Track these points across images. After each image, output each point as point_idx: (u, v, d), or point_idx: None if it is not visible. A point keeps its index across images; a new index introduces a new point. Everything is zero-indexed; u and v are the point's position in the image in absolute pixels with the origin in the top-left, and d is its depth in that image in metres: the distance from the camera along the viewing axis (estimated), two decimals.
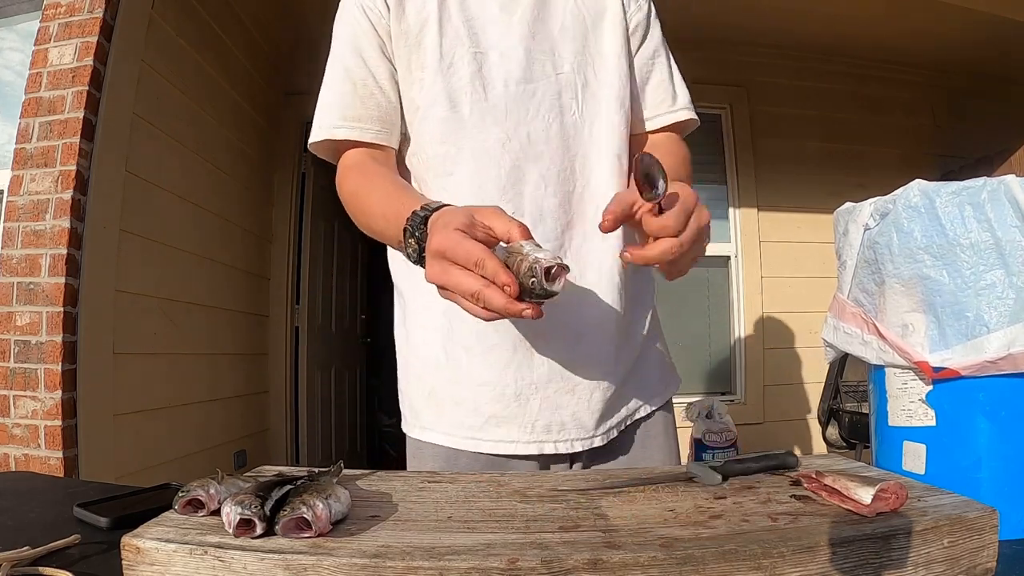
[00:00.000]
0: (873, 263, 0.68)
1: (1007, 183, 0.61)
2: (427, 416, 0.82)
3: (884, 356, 0.66)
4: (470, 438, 0.79)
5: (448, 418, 0.80)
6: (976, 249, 0.61)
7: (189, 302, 2.33)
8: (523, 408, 0.78)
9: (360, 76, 0.80)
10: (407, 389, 0.86)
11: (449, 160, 0.78)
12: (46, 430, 1.68)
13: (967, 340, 0.60)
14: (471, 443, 0.79)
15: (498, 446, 0.78)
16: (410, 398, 0.85)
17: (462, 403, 0.79)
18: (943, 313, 0.62)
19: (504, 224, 0.54)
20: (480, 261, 0.51)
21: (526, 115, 0.77)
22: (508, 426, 0.78)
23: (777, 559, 0.42)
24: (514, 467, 0.79)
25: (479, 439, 0.79)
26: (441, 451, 0.80)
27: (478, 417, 0.78)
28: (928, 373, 0.62)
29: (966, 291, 0.61)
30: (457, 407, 0.79)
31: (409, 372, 0.85)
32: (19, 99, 1.85)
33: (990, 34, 2.96)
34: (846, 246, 0.72)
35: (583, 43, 0.82)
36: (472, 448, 0.79)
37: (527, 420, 0.78)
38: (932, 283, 0.63)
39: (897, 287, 0.65)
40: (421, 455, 0.82)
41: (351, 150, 0.81)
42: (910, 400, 0.65)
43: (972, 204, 0.61)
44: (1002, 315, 0.59)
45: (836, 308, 0.74)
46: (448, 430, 0.80)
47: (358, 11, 0.80)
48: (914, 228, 0.64)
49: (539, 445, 0.79)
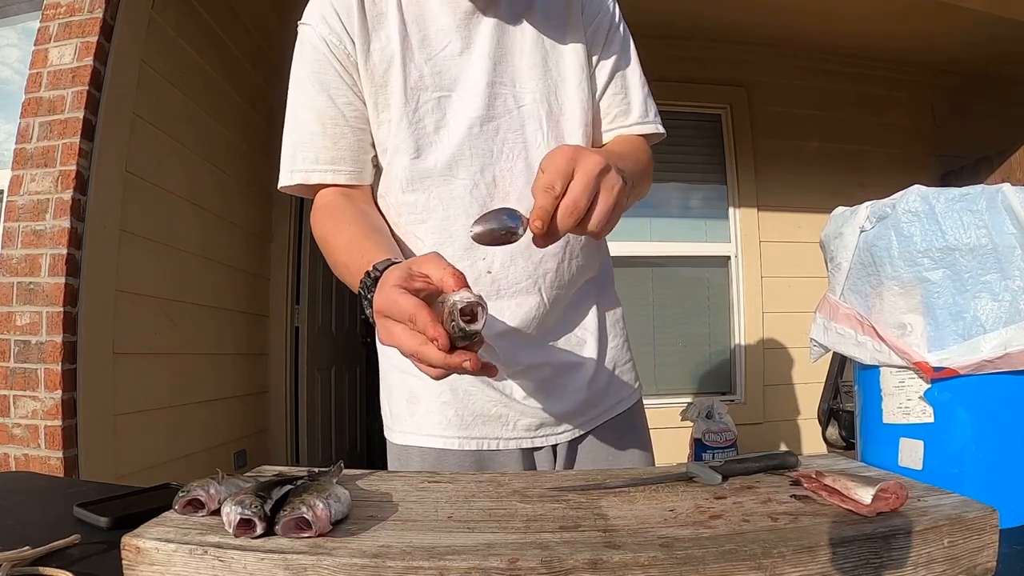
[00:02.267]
0: (870, 265, 0.69)
1: (1004, 191, 0.62)
2: (410, 421, 0.83)
3: (879, 356, 0.67)
4: (457, 437, 0.81)
5: (433, 419, 0.81)
6: (973, 253, 0.62)
7: (189, 302, 2.33)
8: (508, 407, 0.82)
9: (330, 116, 0.78)
10: (388, 397, 0.87)
11: (419, 207, 0.78)
12: (46, 430, 1.68)
13: (964, 340, 0.61)
14: (457, 442, 0.81)
15: (482, 443, 0.81)
16: (391, 405, 0.87)
17: (448, 404, 0.81)
18: (941, 314, 0.63)
19: (438, 271, 0.52)
20: (412, 316, 0.50)
21: (490, 157, 0.78)
22: (493, 424, 0.82)
23: (777, 559, 0.42)
24: (500, 461, 0.82)
25: (465, 437, 0.81)
26: (429, 452, 0.82)
27: (465, 417, 0.81)
28: (928, 373, 0.62)
29: (964, 293, 0.62)
30: (444, 408, 0.81)
31: (390, 379, 0.86)
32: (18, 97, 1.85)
33: (990, 34, 2.96)
34: (841, 248, 0.72)
35: (543, 68, 0.81)
36: (458, 447, 0.81)
37: (512, 418, 0.82)
38: (931, 285, 0.63)
39: (895, 289, 0.66)
40: (407, 458, 0.84)
41: (324, 190, 0.80)
42: (907, 398, 0.65)
43: (970, 210, 0.62)
44: (998, 317, 0.60)
45: (827, 308, 0.74)
46: (433, 431, 0.82)
47: (323, 47, 0.77)
48: (914, 232, 0.64)
49: (523, 440, 0.83)
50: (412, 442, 0.83)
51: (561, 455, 0.86)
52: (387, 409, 0.88)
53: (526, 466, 0.84)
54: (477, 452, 0.82)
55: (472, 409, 0.81)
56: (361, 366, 4.03)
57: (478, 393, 0.81)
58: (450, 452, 0.81)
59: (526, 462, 0.84)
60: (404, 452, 0.84)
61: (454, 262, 0.54)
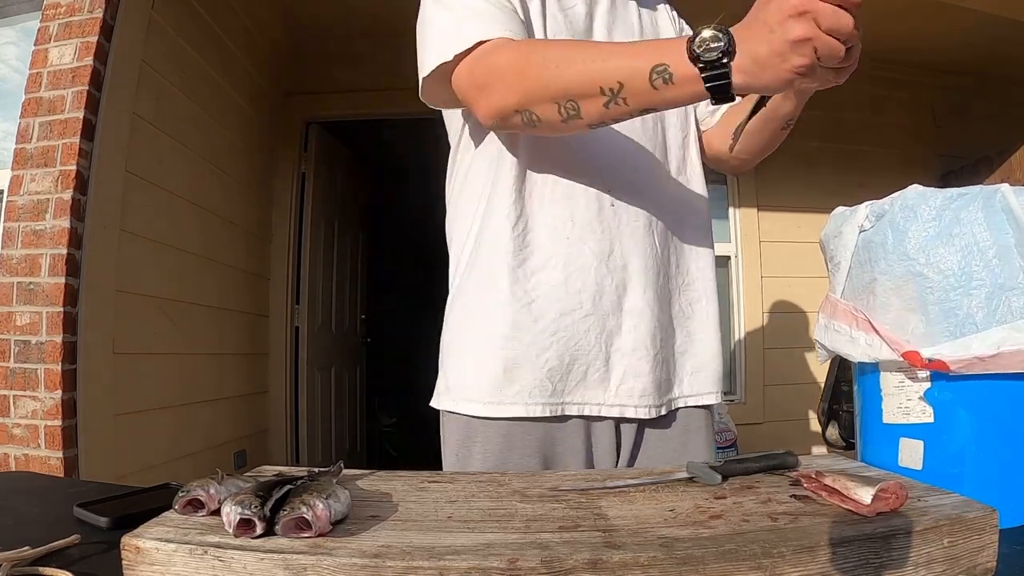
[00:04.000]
0: (867, 263, 0.69)
1: (1002, 191, 0.62)
2: (508, 391, 0.80)
3: (870, 351, 0.67)
4: (557, 403, 0.80)
5: (536, 387, 0.79)
6: (969, 252, 0.62)
7: (189, 302, 2.33)
8: (609, 373, 0.82)
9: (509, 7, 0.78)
10: (476, 368, 0.82)
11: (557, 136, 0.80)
12: (46, 430, 1.68)
13: (956, 338, 0.61)
14: (557, 408, 0.80)
15: (582, 408, 0.81)
16: (477, 376, 0.82)
17: (554, 371, 0.80)
18: (934, 311, 0.63)
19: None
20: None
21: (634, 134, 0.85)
22: (594, 390, 0.81)
23: (777, 559, 0.42)
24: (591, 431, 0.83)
25: (565, 403, 0.80)
26: (518, 423, 0.80)
27: (568, 382, 0.80)
28: (918, 363, 0.62)
29: (957, 290, 0.62)
30: (551, 374, 0.80)
31: (481, 349, 0.82)
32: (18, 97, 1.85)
33: (990, 34, 2.95)
34: (840, 247, 0.72)
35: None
36: (557, 412, 0.80)
37: (612, 385, 0.82)
38: (925, 281, 0.63)
39: (888, 285, 0.66)
40: (489, 430, 0.80)
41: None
42: (907, 398, 0.65)
43: (968, 209, 0.62)
44: (991, 316, 0.60)
45: (828, 308, 0.74)
46: (530, 399, 0.79)
47: None
48: (909, 229, 0.65)
49: (621, 408, 0.82)
50: (506, 413, 0.79)
51: (630, 439, 0.86)
52: (467, 381, 0.83)
53: (614, 441, 0.84)
54: (570, 422, 0.81)
55: (576, 375, 0.80)
56: (361, 366, 4.03)
57: (583, 357, 0.80)
58: (540, 422, 0.80)
59: (617, 436, 0.84)
60: (487, 425, 0.80)
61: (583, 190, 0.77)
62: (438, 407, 0.86)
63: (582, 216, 0.81)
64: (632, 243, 0.83)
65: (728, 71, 0.56)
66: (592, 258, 0.81)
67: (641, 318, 0.82)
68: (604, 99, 0.64)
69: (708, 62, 0.56)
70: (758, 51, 0.55)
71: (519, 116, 0.70)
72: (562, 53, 0.69)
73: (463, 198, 0.88)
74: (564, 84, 0.65)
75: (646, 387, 0.83)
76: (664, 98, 0.62)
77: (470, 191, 0.87)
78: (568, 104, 0.66)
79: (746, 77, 0.56)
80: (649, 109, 0.66)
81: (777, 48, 0.54)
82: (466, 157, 0.89)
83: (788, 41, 0.53)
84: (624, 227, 0.83)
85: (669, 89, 0.60)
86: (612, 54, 0.64)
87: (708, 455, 0.90)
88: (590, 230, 0.81)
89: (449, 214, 0.92)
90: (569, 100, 0.66)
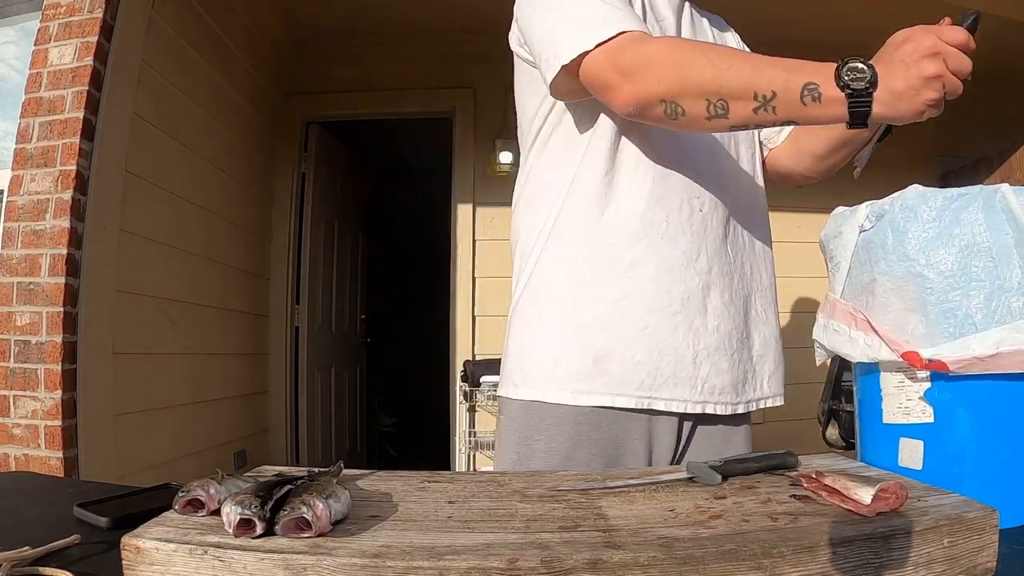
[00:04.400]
0: (866, 263, 0.69)
1: (1002, 191, 0.62)
2: (598, 380, 0.82)
3: (870, 351, 0.67)
4: (647, 397, 0.82)
5: (625, 378, 0.82)
6: (969, 252, 0.62)
7: (189, 302, 2.33)
8: (696, 371, 0.84)
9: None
10: (567, 356, 0.84)
11: (654, 138, 0.83)
12: (46, 430, 1.67)
13: (955, 338, 0.61)
14: (645, 401, 0.82)
15: (670, 404, 0.83)
16: (569, 364, 0.83)
17: (641, 364, 0.82)
18: (933, 311, 0.63)
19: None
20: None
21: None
22: (682, 386, 0.84)
23: (777, 559, 0.42)
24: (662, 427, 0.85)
25: (654, 397, 0.83)
26: (604, 412, 0.82)
27: (658, 377, 0.83)
28: (917, 364, 0.62)
29: (956, 291, 0.62)
30: (637, 368, 0.82)
31: (573, 340, 0.83)
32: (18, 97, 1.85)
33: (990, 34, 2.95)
34: (840, 247, 0.72)
35: None
36: (643, 405, 0.82)
37: (698, 381, 0.84)
38: (924, 282, 0.63)
39: (888, 285, 0.66)
40: (558, 427, 0.83)
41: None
42: (907, 398, 0.65)
43: (967, 209, 0.62)
44: (991, 316, 0.60)
45: (827, 308, 0.74)
46: (624, 390, 0.82)
47: None
48: (909, 229, 0.65)
49: (703, 405, 0.85)
50: (594, 402, 0.82)
51: (683, 437, 0.88)
52: (547, 369, 0.84)
53: (675, 439, 0.87)
54: (653, 416, 0.84)
55: (666, 371, 0.83)
56: (361, 366, 4.03)
57: (671, 353, 0.83)
58: (612, 420, 0.82)
59: (677, 433, 0.87)
60: (560, 419, 0.82)
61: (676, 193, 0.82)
62: (515, 397, 0.87)
63: (675, 217, 0.85)
64: (714, 248, 0.87)
65: (871, 100, 0.63)
66: (682, 259, 0.84)
67: (722, 319, 0.86)
68: (755, 104, 0.67)
69: (855, 90, 0.63)
70: (895, 85, 0.62)
71: (663, 106, 0.72)
72: (719, 53, 0.72)
73: (539, 195, 0.90)
74: (721, 82, 0.68)
75: (725, 385, 0.86)
76: (808, 114, 0.66)
77: (551, 184, 0.88)
78: (719, 103, 0.69)
79: (884, 107, 0.63)
80: (789, 122, 0.71)
81: (913, 83, 0.62)
82: (551, 154, 0.90)
83: (923, 77, 0.62)
84: (709, 232, 0.87)
85: (815, 107, 0.65)
86: (767, 64, 0.68)
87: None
88: (681, 232, 0.85)
89: (524, 202, 0.93)
90: (720, 99, 0.68)
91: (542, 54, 0.80)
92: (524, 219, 0.92)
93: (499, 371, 0.94)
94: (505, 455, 0.87)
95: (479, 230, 3.10)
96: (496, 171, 3.04)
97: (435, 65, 3.16)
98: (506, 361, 0.90)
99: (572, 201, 0.85)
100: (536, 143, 0.92)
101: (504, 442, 0.87)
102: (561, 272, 0.85)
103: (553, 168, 0.89)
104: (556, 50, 0.77)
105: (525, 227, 0.91)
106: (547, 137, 0.90)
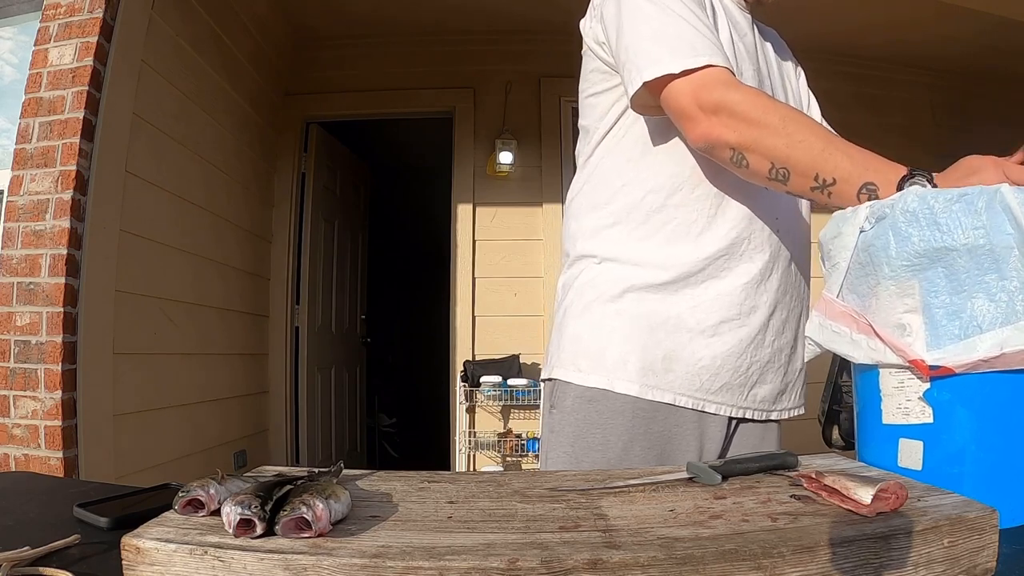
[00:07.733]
0: (867, 265, 0.69)
1: (1002, 192, 0.62)
2: (665, 377, 0.87)
3: (874, 355, 0.67)
4: (702, 399, 0.87)
5: (689, 381, 0.87)
6: (971, 254, 0.62)
7: (189, 302, 2.33)
8: (748, 379, 0.90)
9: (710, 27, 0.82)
10: (640, 351, 0.87)
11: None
12: (46, 430, 1.68)
13: (960, 340, 0.61)
14: (700, 403, 0.87)
15: (720, 408, 0.88)
16: (643, 359, 0.87)
17: (705, 369, 0.87)
18: (938, 314, 0.63)
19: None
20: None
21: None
22: (734, 393, 0.89)
23: (777, 559, 0.42)
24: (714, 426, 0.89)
25: (708, 400, 0.87)
26: (664, 408, 0.86)
27: (716, 382, 0.87)
28: (924, 372, 0.62)
29: (960, 294, 0.62)
30: (701, 372, 0.87)
31: (651, 333, 0.87)
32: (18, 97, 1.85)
33: (990, 34, 2.96)
34: (839, 248, 0.72)
35: (784, 87, 1.02)
36: (698, 407, 0.87)
37: (747, 389, 0.90)
38: (928, 285, 0.63)
39: (892, 289, 0.66)
40: (616, 420, 0.86)
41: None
42: (907, 398, 0.65)
43: (968, 211, 0.62)
44: (995, 317, 0.60)
45: (823, 307, 0.74)
46: (681, 390, 0.86)
47: None
48: (911, 232, 0.64)
49: (744, 410, 0.91)
50: (658, 397, 0.86)
51: (728, 436, 0.92)
52: (623, 361, 0.87)
53: (723, 438, 0.91)
54: (703, 415, 0.88)
55: (722, 377, 0.88)
56: (361, 366, 4.03)
57: (731, 362, 0.87)
58: (678, 410, 0.86)
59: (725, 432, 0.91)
60: (618, 411, 0.86)
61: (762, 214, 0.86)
62: (579, 383, 0.88)
63: (758, 237, 0.89)
64: (783, 267, 0.92)
65: None
66: (758, 276, 0.88)
67: (778, 336, 0.92)
68: (814, 184, 0.71)
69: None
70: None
71: (731, 153, 0.75)
72: (797, 123, 0.73)
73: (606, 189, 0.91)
74: (789, 154, 0.72)
75: (767, 395, 0.92)
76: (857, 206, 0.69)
77: (626, 182, 0.90)
78: (782, 170, 0.73)
79: None
80: (838, 207, 0.72)
81: None
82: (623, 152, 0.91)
83: None
84: (783, 252, 0.91)
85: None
86: (836, 149, 0.70)
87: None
88: (760, 251, 0.89)
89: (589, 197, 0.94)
90: (784, 168, 0.73)
91: (626, 63, 0.82)
92: (587, 211, 0.94)
93: (498, 371, 0.95)
94: (559, 447, 0.88)
95: (479, 230, 3.10)
96: (496, 171, 3.04)
97: (435, 65, 3.16)
98: (560, 346, 0.92)
99: (653, 202, 0.88)
100: (607, 139, 0.93)
101: (558, 434, 0.89)
102: (636, 271, 0.88)
103: (627, 167, 0.90)
104: (640, 64, 0.79)
105: (590, 219, 0.93)
106: (620, 135, 0.91)
